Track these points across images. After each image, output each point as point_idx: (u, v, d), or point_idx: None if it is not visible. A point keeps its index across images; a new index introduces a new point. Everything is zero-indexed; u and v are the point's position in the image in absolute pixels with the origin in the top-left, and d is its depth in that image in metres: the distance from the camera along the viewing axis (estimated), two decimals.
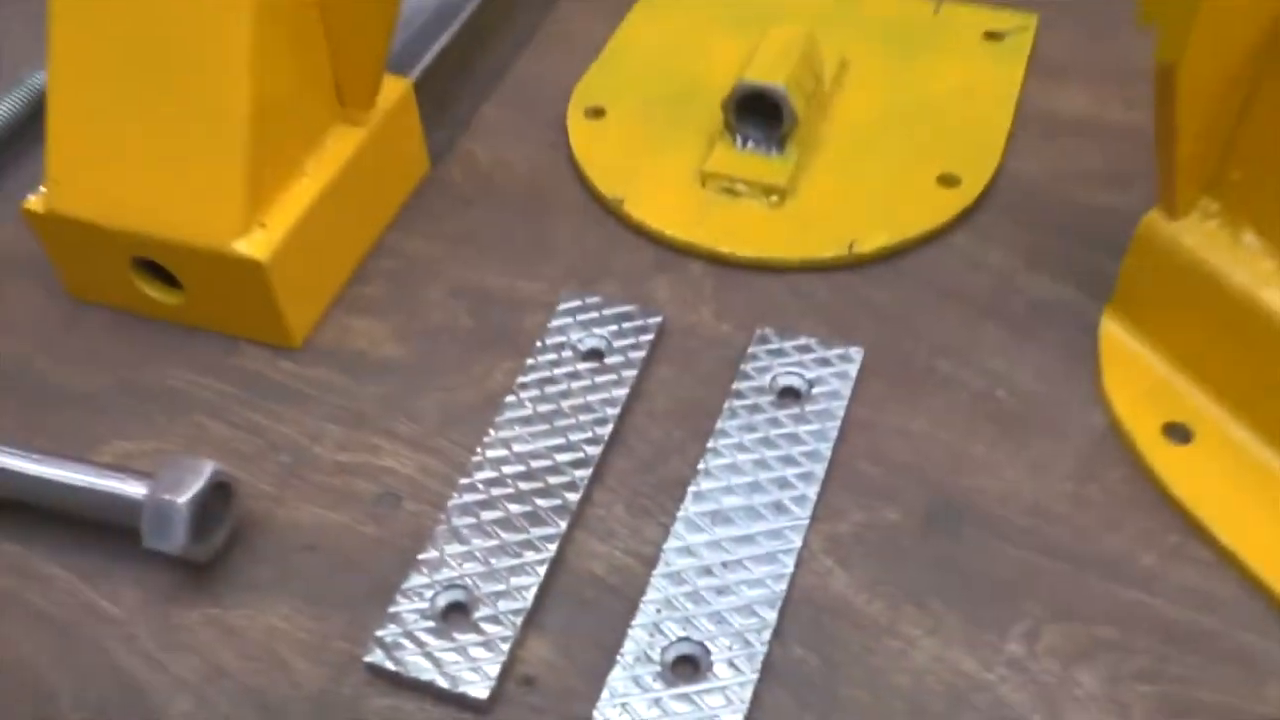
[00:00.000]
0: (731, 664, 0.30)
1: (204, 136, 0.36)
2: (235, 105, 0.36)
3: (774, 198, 0.43)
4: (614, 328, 0.39)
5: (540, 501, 0.34)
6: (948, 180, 0.44)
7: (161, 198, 0.37)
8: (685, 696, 0.30)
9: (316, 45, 0.38)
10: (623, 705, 0.30)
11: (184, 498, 0.31)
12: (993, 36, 0.50)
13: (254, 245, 0.36)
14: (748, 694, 0.30)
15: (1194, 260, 0.35)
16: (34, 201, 0.38)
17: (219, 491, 0.33)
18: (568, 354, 0.38)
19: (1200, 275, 0.35)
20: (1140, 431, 0.35)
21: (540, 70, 0.51)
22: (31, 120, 0.47)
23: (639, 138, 0.46)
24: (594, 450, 0.35)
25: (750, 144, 0.44)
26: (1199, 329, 0.36)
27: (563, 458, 0.35)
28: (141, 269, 0.39)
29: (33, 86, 0.47)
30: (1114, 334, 0.38)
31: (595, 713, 0.29)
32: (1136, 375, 0.37)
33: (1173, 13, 0.30)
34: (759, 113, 0.44)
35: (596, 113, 0.48)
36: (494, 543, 0.33)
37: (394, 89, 0.42)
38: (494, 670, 0.30)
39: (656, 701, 0.30)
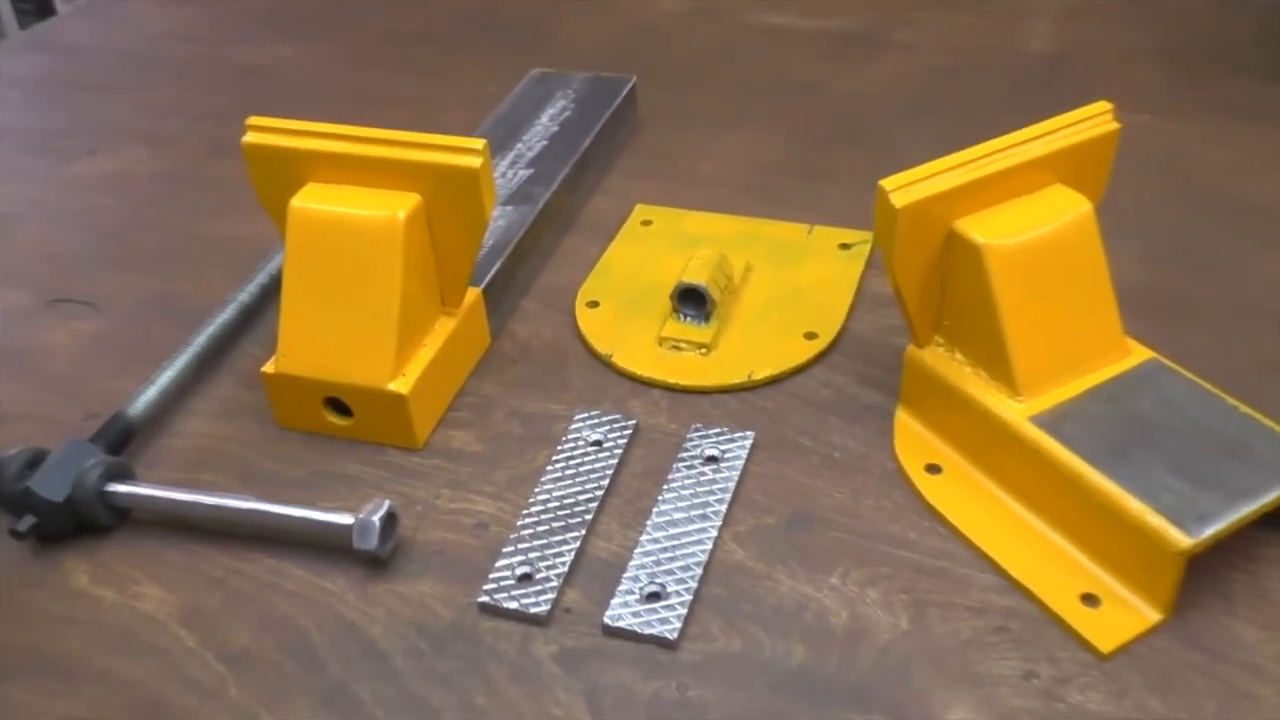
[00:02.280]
0: (677, 594, 0.55)
1: (372, 325, 0.63)
2: (390, 307, 0.63)
3: (703, 350, 0.70)
4: (607, 429, 0.65)
5: (569, 520, 0.59)
6: (810, 335, 0.71)
7: (345, 360, 0.64)
8: (652, 610, 0.54)
9: (430, 272, 0.66)
10: (619, 614, 0.54)
11: (377, 516, 0.56)
12: (845, 247, 0.79)
13: (399, 385, 0.63)
14: (684, 609, 0.54)
15: (933, 372, 0.61)
16: (269, 366, 0.65)
17: (391, 519, 0.58)
18: (581, 444, 0.64)
19: (937, 379, 0.61)
20: (912, 470, 0.61)
21: (558, 278, 0.79)
22: (240, 326, 0.74)
23: (621, 318, 0.74)
24: (599, 493, 0.61)
25: (688, 319, 0.72)
26: (941, 408, 0.62)
27: (581, 498, 0.61)
28: (327, 404, 0.65)
29: (241, 302, 0.75)
30: (901, 417, 0.64)
31: (605, 619, 0.54)
32: (912, 438, 0.63)
33: (885, 242, 0.57)
34: (693, 300, 0.71)
35: (594, 304, 0.75)
36: (542, 543, 0.58)
37: (471, 295, 0.70)
38: (547, 603, 0.55)
39: (636, 614, 0.54)
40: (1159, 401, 0.57)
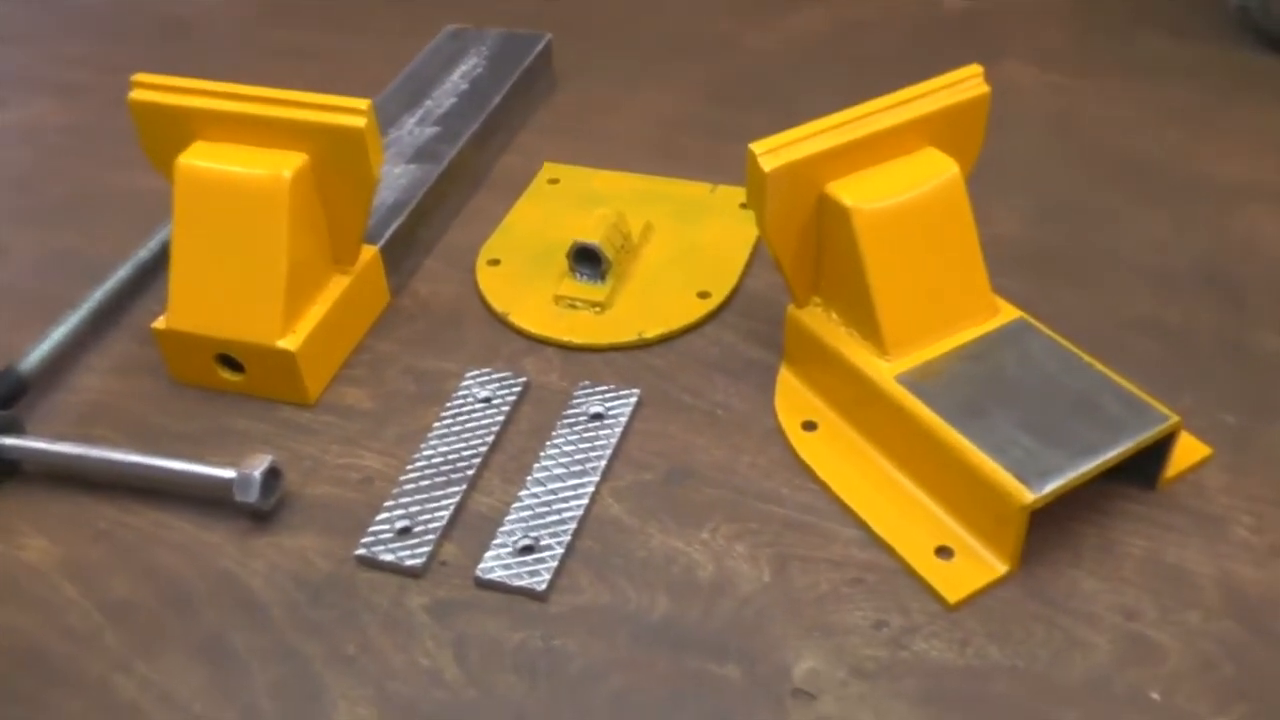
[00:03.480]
0: (549, 548, 0.57)
1: (261, 282, 0.64)
2: (278, 265, 0.64)
3: (597, 308, 0.71)
4: (497, 386, 0.66)
5: (452, 475, 0.61)
6: (704, 295, 0.72)
7: (235, 317, 0.64)
8: (524, 563, 0.56)
9: (321, 230, 0.67)
10: (491, 567, 0.56)
11: (258, 470, 0.58)
12: (745, 206, 0.80)
13: (288, 342, 0.64)
14: (555, 562, 0.56)
15: (811, 331, 0.63)
16: (159, 322, 0.66)
17: (273, 474, 0.59)
18: (470, 401, 0.65)
19: (815, 338, 0.63)
20: (790, 427, 0.63)
21: (463, 236, 0.80)
22: (139, 282, 0.75)
23: (520, 277, 0.75)
24: (483, 449, 0.62)
25: (584, 277, 0.73)
26: (818, 367, 0.63)
27: (465, 454, 0.62)
28: (219, 360, 0.66)
29: (140, 260, 0.75)
30: (784, 374, 0.66)
31: (477, 572, 0.56)
32: (792, 396, 0.65)
33: (757, 205, 0.59)
34: (588, 259, 0.72)
35: (494, 263, 0.76)
36: (424, 498, 0.60)
37: (367, 253, 0.71)
38: (423, 556, 0.56)
39: (508, 567, 0.56)
40: (1020, 360, 0.59)
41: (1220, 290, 0.71)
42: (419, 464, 0.62)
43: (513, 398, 0.66)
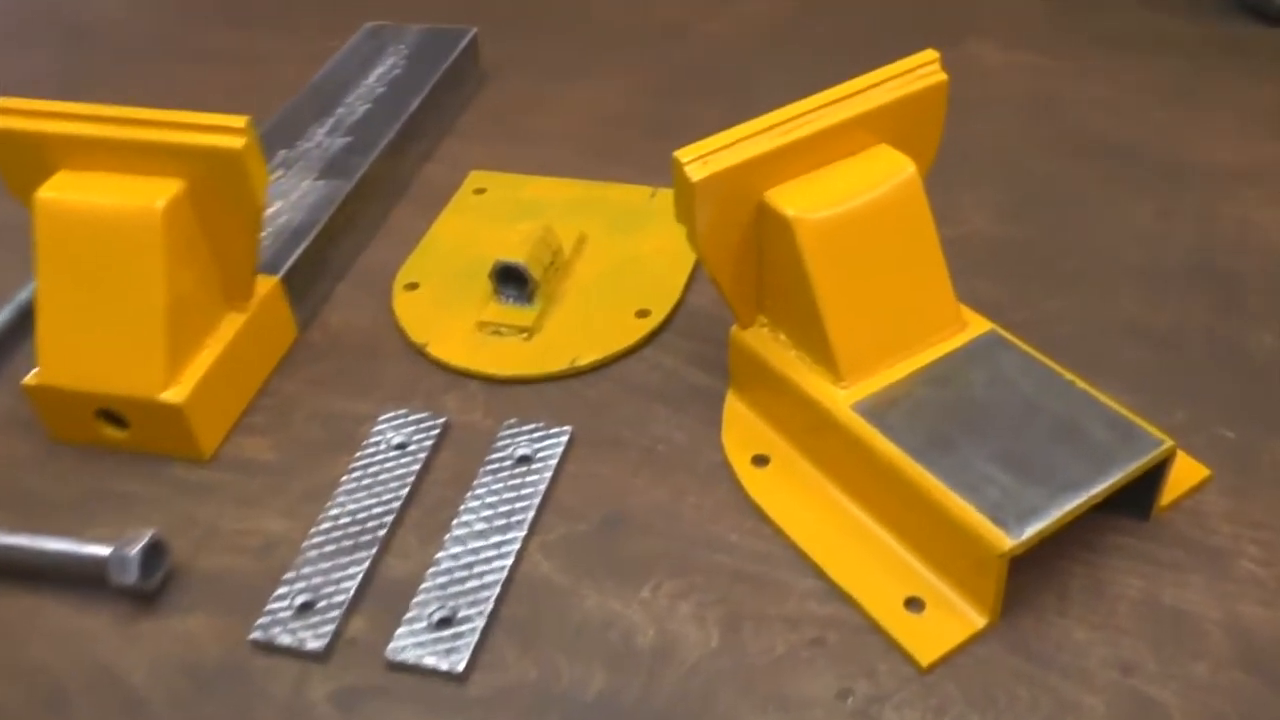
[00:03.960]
0: (469, 620, 0.50)
1: (139, 328, 0.57)
2: (156, 307, 0.56)
3: (525, 334, 0.64)
4: (413, 429, 0.59)
5: (360, 538, 0.54)
6: (642, 313, 0.65)
7: (114, 369, 0.57)
8: (440, 639, 0.49)
9: (205, 264, 0.60)
10: (404, 646, 0.49)
11: (136, 548, 0.51)
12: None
13: (173, 394, 0.57)
14: (475, 636, 0.49)
15: (757, 355, 0.56)
16: (30, 378, 0.58)
17: (155, 549, 0.52)
18: (383, 448, 0.59)
19: (761, 363, 0.56)
20: (738, 463, 0.56)
21: (380, 257, 0.73)
22: (19, 326, 0.68)
23: (441, 302, 0.68)
24: (396, 504, 0.55)
25: (509, 300, 0.66)
26: (767, 394, 0.57)
27: (376, 511, 0.55)
28: (101, 416, 0.59)
29: (21, 301, 0.68)
30: (731, 402, 0.59)
31: (387, 652, 0.49)
32: (741, 427, 0.58)
33: (687, 219, 0.52)
34: (513, 280, 0.65)
35: (412, 286, 0.69)
36: (329, 565, 0.53)
37: (265, 285, 0.63)
38: (326, 635, 0.50)
39: (423, 645, 0.49)
40: (992, 380, 0.53)
41: (1214, 287, 0.65)
42: (325, 525, 0.55)
43: (430, 442, 0.59)
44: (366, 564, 0.53)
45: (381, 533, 0.54)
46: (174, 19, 1.06)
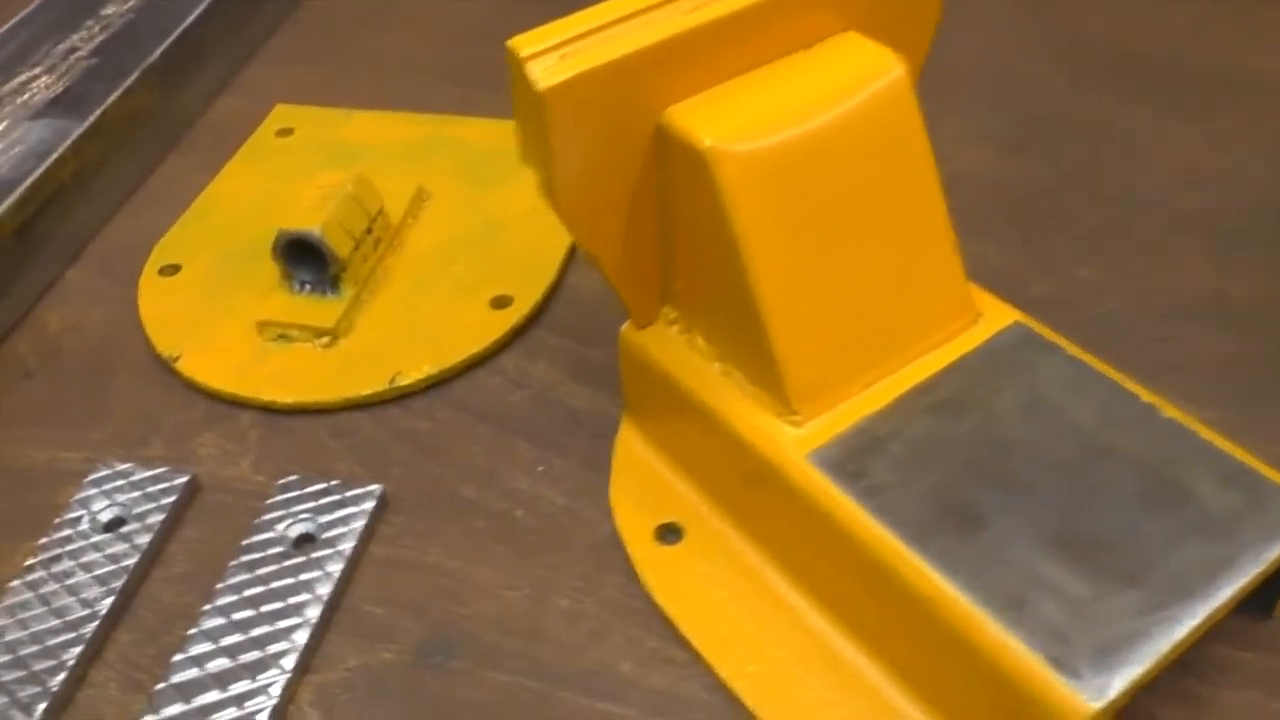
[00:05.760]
0: None
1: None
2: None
3: (325, 339, 0.44)
4: (137, 494, 0.39)
5: (20, 691, 0.33)
6: (500, 302, 0.45)
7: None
8: None
9: None
10: None
11: None
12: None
13: None
14: None
15: (659, 367, 0.36)
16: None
17: None
18: (85, 527, 0.38)
19: (665, 380, 0.36)
20: (634, 536, 0.36)
21: (135, 229, 0.51)
22: None
23: (207, 293, 0.47)
24: (90, 628, 0.35)
25: (306, 288, 0.45)
26: (677, 429, 0.37)
27: (55, 640, 0.34)
28: None
29: None
30: (626, 439, 0.39)
31: None
32: (641, 479, 0.38)
33: (534, 152, 0.32)
34: (311, 257, 0.45)
35: (171, 270, 0.48)
36: None
37: None
38: None
39: None
40: (1030, 404, 0.33)
41: None
42: None
43: (161, 514, 0.38)
44: None
45: (56, 679, 0.34)
46: None
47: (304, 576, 0.36)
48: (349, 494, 0.38)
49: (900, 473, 0.31)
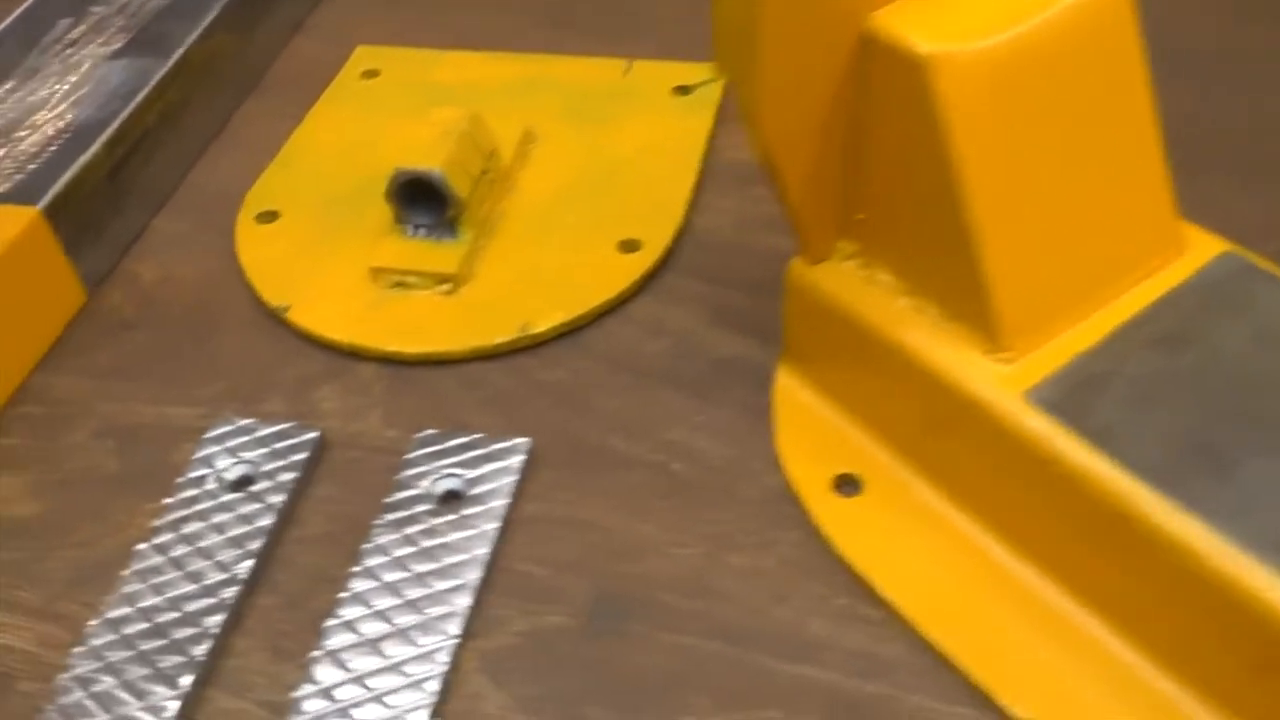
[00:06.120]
0: None
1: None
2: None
3: (446, 286, 0.41)
4: (265, 450, 0.36)
5: (164, 663, 0.31)
6: (628, 246, 0.42)
7: None
8: None
9: None
10: None
11: None
12: (683, 90, 0.49)
13: None
14: None
15: (835, 304, 0.33)
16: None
17: None
18: (211, 486, 0.35)
19: (842, 319, 0.33)
20: (810, 489, 0.34)
21: (221, 175, 0.48)
22: None
23: (312, 240, 0.44)
24: (231, 593, 0.32)
25: (421, 232, 0.42)
26: (853, 373, 0.34)
27: (193, 606, 0.32)
28: None
29: None
30: (787, 386, 0.37)
31: None
32: (809, 428, 0.35)
33: (739, 66, 0.29)
34: (426, 200, 0.42)
35: (269, 217, 0.45)
36: (106, 718, 0.30)
37: (15, 221, 0.39)
38: None
39: None
40: (1258, 336, 0.30)
41: None
42: (103, 637, 0.32)
43: (293, 473, 0.35)
44: (175, 710, 0.30)
45: (201, 648, 0.31)
46: None
47: (456, 536, 0.33)
48: (495, 448, 0.35)
49: (1130, 412, 0.29)
